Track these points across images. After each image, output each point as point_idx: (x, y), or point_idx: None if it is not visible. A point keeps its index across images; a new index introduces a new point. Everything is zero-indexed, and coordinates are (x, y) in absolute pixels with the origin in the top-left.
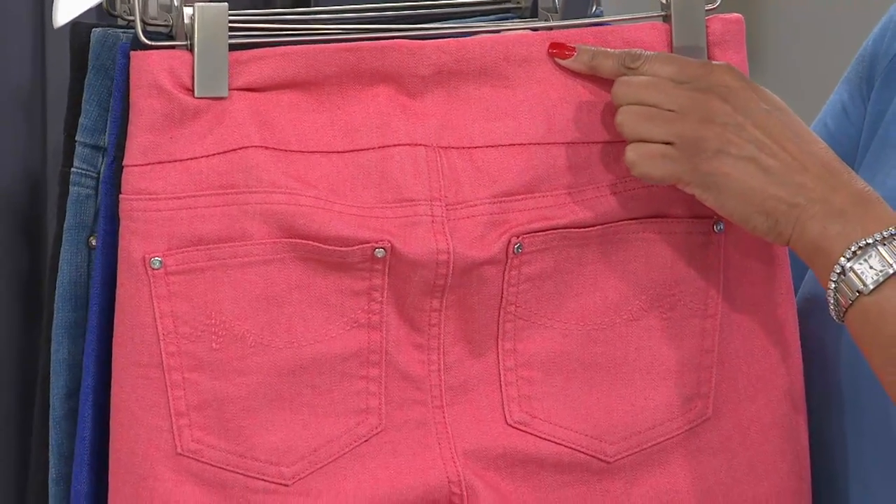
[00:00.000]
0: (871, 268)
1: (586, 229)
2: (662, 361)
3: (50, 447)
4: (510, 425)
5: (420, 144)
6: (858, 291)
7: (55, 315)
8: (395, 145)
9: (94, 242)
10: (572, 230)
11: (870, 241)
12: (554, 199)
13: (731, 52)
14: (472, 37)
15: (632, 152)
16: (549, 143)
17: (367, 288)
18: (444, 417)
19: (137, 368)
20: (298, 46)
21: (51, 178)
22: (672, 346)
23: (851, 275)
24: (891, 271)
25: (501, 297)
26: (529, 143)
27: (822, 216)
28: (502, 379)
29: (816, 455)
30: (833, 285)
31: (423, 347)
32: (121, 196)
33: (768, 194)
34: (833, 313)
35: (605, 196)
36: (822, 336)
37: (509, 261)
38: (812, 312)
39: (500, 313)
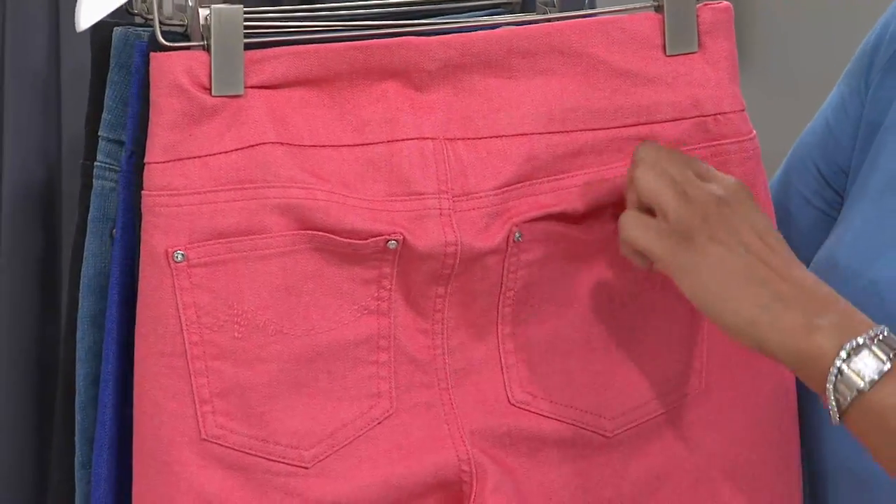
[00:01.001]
0: (866, 366)
1: (581, 217)
2: (656, 339)
3: (76, 432)
4: (513, 405)
5: (427, 138)
6: (858, 390)
7: (80, 305)
8: (403, 140)
9: (115, 234)
10: (568, 217)
11: (860, 341)
12: (551, 185)
13: (720, 40)
14: (475, 32)
15: (629, 217)
16: (549, 133)
17: (377, 276)
18: (450, 399)
19: (161, 358)
20: (310, 45)
21: (66, 169)
22: (665, 325)
23: (850, 374)
24: (885, 368)
25: (501, 283)
26: (532, 133)
27: (805, 323)
28: (503, 361)
29: (804, 422)
30: (831, 386)
31: (429, 332)
32: (143, 192)
33: (748, 293)
34: (832, 415)
35: (600, 182)
36: None
37: (509, 249)
38: None
39: (499, 299)
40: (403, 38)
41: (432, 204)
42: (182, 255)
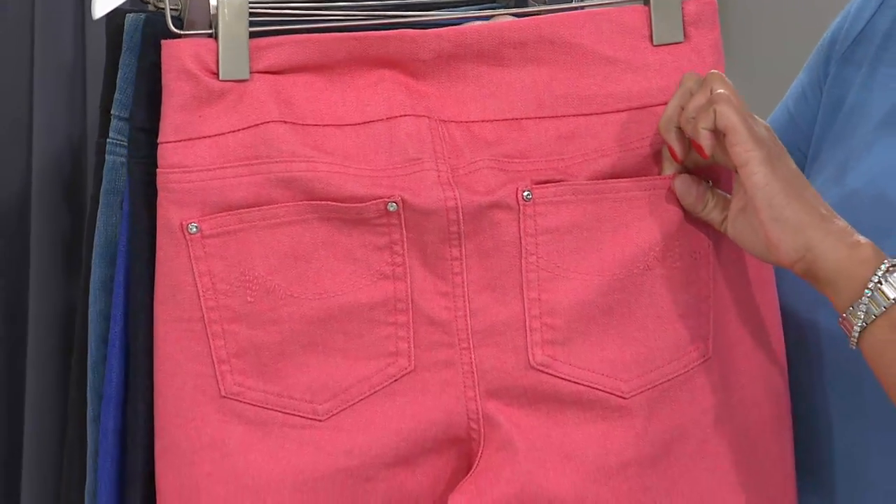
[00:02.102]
0: (893, 288)
1: (594, 183)
2: (671, 307)
3: (88, 389)
4: (533, 367)
5: (423, 116)
6: (886, 307)
7: (92, 271)
8: (401, 116)
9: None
10: (580, 184)
11: (895, 261)
12: (547, 163)
13: (705, 31)
14: (468, 24)
15: (730, 106)
16: (539, 118)
17: (388, 242)
18: (470, 358)
19: (180, 323)
20: (312, 35)
21: (90, 148)
22: (679, 293)
23: (886, 288)
24: None
25: (521, 246)
26: (522, 118)
27: (851, 233)
28: (528, 325)
29: (794, 386)
30: (869, 294)
31: (449, 295)
32: (158, 170)
33: (807, 198)
34: (852, 334)
35: (595, 160)
36: (797, 289)
37: (521, 209)
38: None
39: (521, 263)
40: (398, 31)
41: (430, 167)
42: (196, 227)
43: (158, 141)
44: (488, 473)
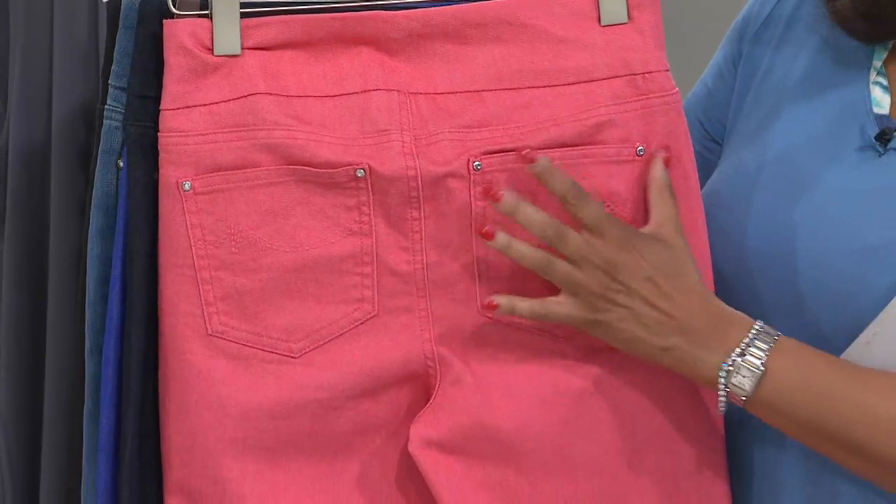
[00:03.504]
0: (744, 377)
1: (538, 151)
2: None
3: (87, 324)
4: (480, 314)
5: (394, 90)
6: (744, 399)
7: (91, 221)
8: (374, 90)
9: (120, 164)
10: (528, 152)
11: (729, 361)
12: (504, 131)
13: (647, 13)
14: (434, 7)
15: (538, 304)
16: (499, 90)
17: (357, 203)
18: (426, 305)
19: (175, 268)
20: (296, 16)
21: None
22: None
23: (734, 389)
24: (759, 373)
25: (471, 209)
26: (483, 90)
27: (695, 358)
28: (477, 277)
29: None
30: (722, 405)
31: (408, 250)
32: (158, 133)
33: (649, 342)
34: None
35: (547, 128)
36: (725, 228)
37: (471, 177)
38: (714, 205)
39: (471, 223)
40: (374, 12)
41: (396, 138)
42: (189, 184)
43: (160, 108)
44: (444, 406)
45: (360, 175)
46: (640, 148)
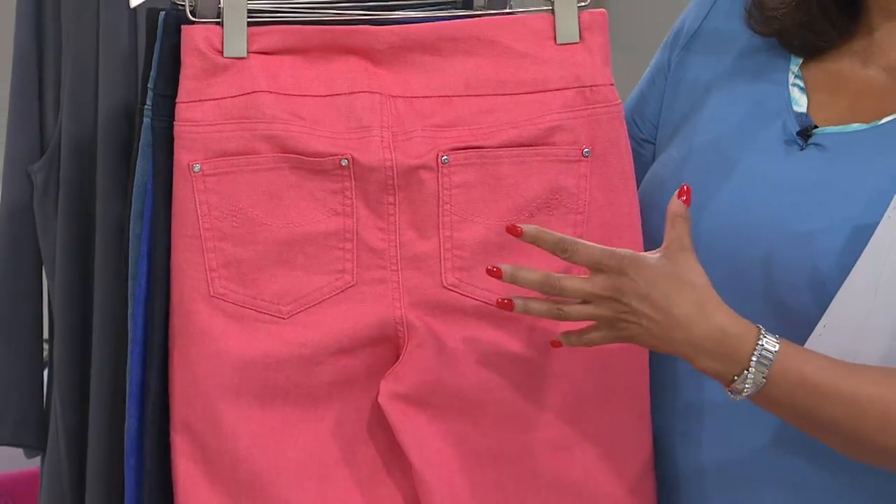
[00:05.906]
0: (747, 387)
1: (496, 149)
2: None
3: (129, 292)
4: (445, 287)
5: (376, 93)
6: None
7: (132, 206)
8: (359, 92)
9: None
10: (486, 150)
11: (736, 377)
12: (469, 131)
13: (596, 35)
14: (415, 24)
15: (576, 335)
16: (467, 95)
17: (341, 188)
18: (398, 278)
19: (185, 238)
20: (295, 26)
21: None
22: (556, 230)
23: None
24: (761, 384)
25: (439, 196)
26: (454, 95)
27: (703, 363)
28: (442, 255)
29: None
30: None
31: (385, 230)
32: (175, 123)
33: (666, 349)
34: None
35: (507, 130)
36: (659, 223)
37: (440, 169)
38: (651, 195)
39: (439, 209)
40: (360, 26)
41: (376, 134)
42: (199, 167)
43: (176, 101)
44: (410, 364)
45: (344, 164)
46: (587, 150)
